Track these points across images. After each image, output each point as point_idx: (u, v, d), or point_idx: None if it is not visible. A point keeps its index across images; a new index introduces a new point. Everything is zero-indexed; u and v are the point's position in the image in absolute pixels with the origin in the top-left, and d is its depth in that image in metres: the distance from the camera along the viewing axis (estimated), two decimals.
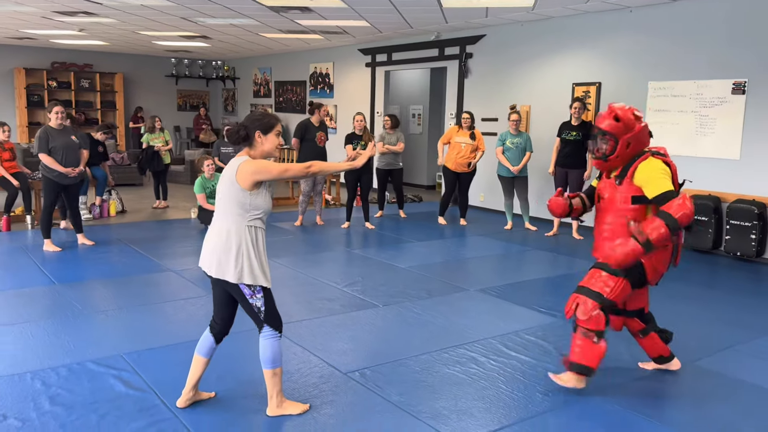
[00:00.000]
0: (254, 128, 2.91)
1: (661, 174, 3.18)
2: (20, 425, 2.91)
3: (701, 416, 3.16)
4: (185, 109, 16.18)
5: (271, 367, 2.98)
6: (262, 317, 2.94)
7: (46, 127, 6.24)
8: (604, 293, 3.23)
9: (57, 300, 4.82)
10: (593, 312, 3.21)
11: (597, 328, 3.23)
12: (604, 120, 3.30)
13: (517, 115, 7.89)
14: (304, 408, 3.10)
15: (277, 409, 3.04)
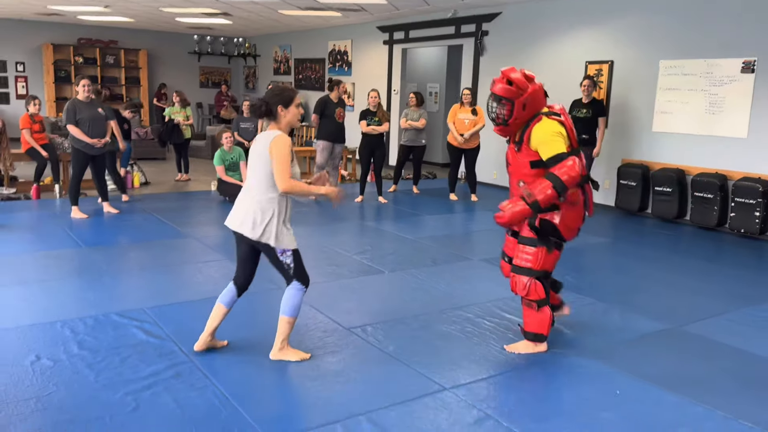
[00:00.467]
0: (275, 103, 3.16)
1: (553, 136, 3.27)
2: (52, 365, 3.22)
3: (678, 373, 3.37)
4: (207, 86, 16.47)
5: (288, 315, 3.29)
6: (291, 273, 3.26)
7: (74, 100, 6.55)
8: (531, 266, 3.42)
9: (84, 261, 5.15)
10: (528, 285, 3.42)
11: (537, 297, 3.44)
12: (497, 84, 3.33)
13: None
14: (303, 356, 3.36)
15: (279, 353, 3.34)
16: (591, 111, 7.53)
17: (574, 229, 3.51)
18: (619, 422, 2.84)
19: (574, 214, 3.46)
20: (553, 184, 3.21)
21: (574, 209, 3.44)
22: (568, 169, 3.20)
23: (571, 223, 3.47)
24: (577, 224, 3.52)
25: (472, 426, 2.78)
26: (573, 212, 3.44)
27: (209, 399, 2.92)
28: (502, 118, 3.36)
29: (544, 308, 3.47)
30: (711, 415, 2.92)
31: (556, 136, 3.29)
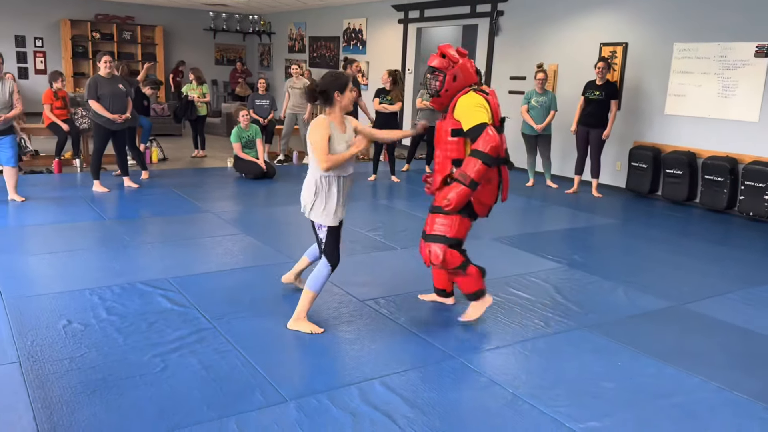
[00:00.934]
0: (333, 89, 3.38)
1: (475, 107, 3.41)
2: (83, 328, 3.42)
3: (677, 348, 3.51)
4: (222, 63, 16.57)
5: (310, 289, 3.50)
6: (322, 248, 3.52)
7: (96, 76, 6.70)
8: (446, 234, 3.53)
9: (107, 233, 5.35)
10: (443, 254, 3.51)
11: (457, 263, 3.56)
12: (434, 59, 3.54)
13: (543, 73, 8.08)
14: (316, 330, 3.50)
15: (293, 322, 3.53)
16: (604, 93, 7.59)
17: (486, 205, 3.63)
18: (619, 391, 2.99)
19: (487, 191, 3.56)
20: (480, 159, 3.36)
21: (488, 186, 3.55)
22: (489, 139, 3.34)
23: (484, 199, 3.59)
24: (489, 201, 3.63)
25: (479, 391, 2.95)
26: (486, 189, 3.54)
27: (232, 361, 3.11)
28: (435, 88, 3.55)
29: (468, 268, 3.59)
30: (706, 386, 3.07)
31: (478, 108, 3.42)
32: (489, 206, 3.68)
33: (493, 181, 3.59)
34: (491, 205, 3.69)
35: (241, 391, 2.83)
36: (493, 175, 3.57)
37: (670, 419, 2.76)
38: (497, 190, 3.65)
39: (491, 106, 3.50)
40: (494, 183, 3.61)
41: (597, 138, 7.69)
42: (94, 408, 2.65)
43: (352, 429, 2.58)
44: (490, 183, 3.58)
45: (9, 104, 6.04)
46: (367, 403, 2.79)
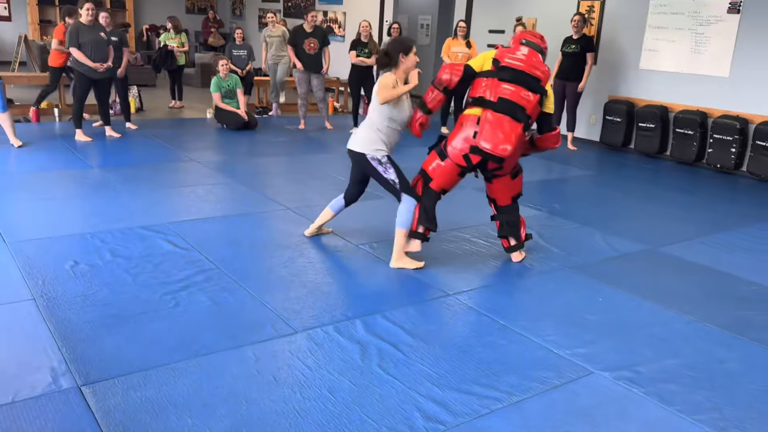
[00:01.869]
0: (397, 51, 3.70)
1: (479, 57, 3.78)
2: (90, 269, 3.53)
3: (653, 285, 3.79)
4: (194, 12, 16.19)
5: (398, 227, 3.75)
6: (398, 187, 3.71)
7: (77, 23, 6.60)
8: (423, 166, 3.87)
9: (99, 180, 5.39)
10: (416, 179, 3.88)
11: (416, 192, 3.81)
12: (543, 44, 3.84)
13: (522, 27, 8.18)
14: (418, 265, 3.79)
15: (396, 261, 3.80)
16: (579, 46, 7.72)
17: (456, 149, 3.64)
18: (601, 322, 3.25)
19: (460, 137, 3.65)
20: None
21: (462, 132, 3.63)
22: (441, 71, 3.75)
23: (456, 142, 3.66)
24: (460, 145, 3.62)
25: (473, 323, 3.18)
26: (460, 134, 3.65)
27: (240, 298, 3.27)
28: None
29: (417, 205, 3.77)
30: (680, 319, 3.35)
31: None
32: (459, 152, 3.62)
33: (467, 127, 3.60)
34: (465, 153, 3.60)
35: (252, 324, 3.01)
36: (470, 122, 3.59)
37: (648, 346, 3.03)
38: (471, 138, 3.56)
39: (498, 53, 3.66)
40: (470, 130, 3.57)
41: (573, 91, 7.87)
42: (116, 340, 2.80)
43: (360, 356, 2.79)
44: (464, 127, 3.62)
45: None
46: (372, 333, 2.99)
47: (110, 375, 2.53)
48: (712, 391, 2.67)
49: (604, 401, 2.55)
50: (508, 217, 3.99)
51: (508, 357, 2.86)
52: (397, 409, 2.42)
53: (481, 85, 3.66)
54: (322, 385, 2.55)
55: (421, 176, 3.87)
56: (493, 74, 3.63)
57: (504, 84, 3.57)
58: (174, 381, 2.51)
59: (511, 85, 3.56)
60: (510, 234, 4.00)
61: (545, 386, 2.64)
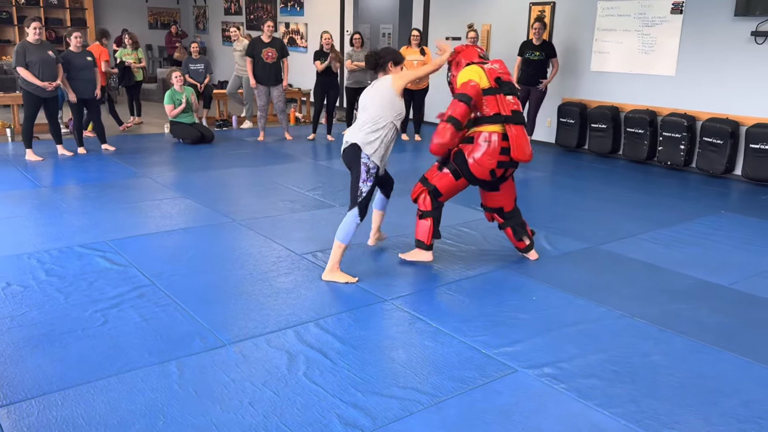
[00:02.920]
0: (388, 59, 3.82)
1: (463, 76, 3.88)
2: (22, 290, 3.49)
3: (589, 283, 3.84)
4: (156, 27, 16.13)
5: (340, 240, 3.73)
6: (358, 200, 3.71)
7: (23, 42, 6.54)
8: (430, 180, 4.01)
9: (43, 200, 5.33)
10: (417, 193, 4.04)
11: (423, 207, 4.01)
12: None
13: (474, 32, 8.26)
14: (351, 280, 3.75)
15: (329, 273, 3.78)
16: (543, 53, 7.77)
17: (483, 168, 3.85)
18: (531, 321, 3.29)
19: (484, 151, 3.83)
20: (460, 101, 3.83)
21: (487, 147, 3.82)
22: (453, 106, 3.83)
23: (481, 159, 3.84)
24: (487, 164, 3.83)
25: (405, 327, 3.19)
26: (484, 149, 3.83)
27: (172, 313, 3.26)
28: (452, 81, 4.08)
29: (426, 219, 4.00)
30: (610, 314, 3.40)
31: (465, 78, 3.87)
32: (487, 168, 3.84)
33: (493, 145, 3.81)
34: (491, 168, 3.84)
35: (180, 339, 3.00)
36: (493, 140, 3.81)
37: (575, 343, 3.06)
38: (498, 151, 3.81)
39: (486, 72, 3.84)
40: (494, 147, 3.80)
41: (536, 96, 7.90)
42: (38, 360, 2.77)
43: (287, 365, 2.79)
44: (488, 146, 3.81)
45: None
46: (303, 342, 3.00)
47: (28, 396, 2.50)
48: (632, 384, 2.71)
49: (523, 398, 2.58)
50: (516, 220, 4.16)
51: (435, 358, 2.88)
52: (317, 417, 2.43)
53: (492, 103, 3.82)
54: (244, 397, 2.55)
55: (429, 191, 3.99)
56: (498, 90, 3.84)
57: (507, 97, 3.85)
58: (93, 399, 2.49)
59: (512, 97, 3.88)
60: (524, 234, 4.18)
61: (468, 386, 2.66)
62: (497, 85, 3.84)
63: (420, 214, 4.04)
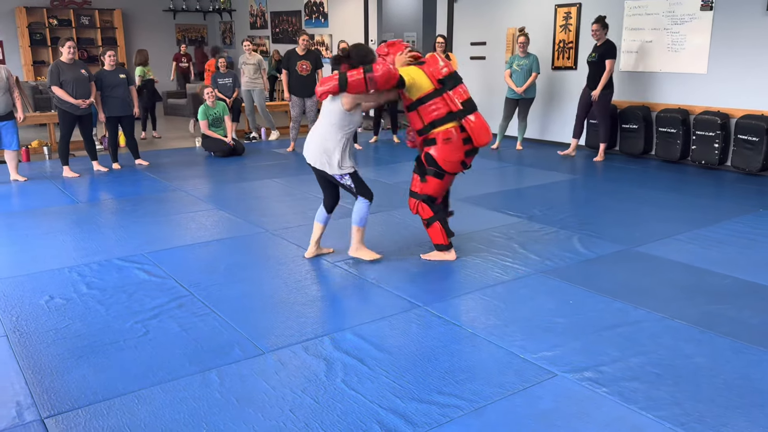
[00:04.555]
0: (359, 63, 3.74)
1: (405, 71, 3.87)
2: (65, 302, 3.58)
3: (626, 285, 3.79)
4: (184, 43, 16.40)
5: (357, 224, 4.08)
6: (354, 191, 4.00)
7: (57, 62, 6.72)
8: (416, 191, 4.13)
9: (81, 215, 5.46)
10: (416, 205, 4.14)
11: (425, 216, 4.15)
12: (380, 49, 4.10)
13: (524, 37, 8.21)
14: (376, 256, 4.13)
15: (355, 251, 4.16)
16: (597, 54, 7.51)
17: (453, 162, 4.00)
18: (569, 325, 3.26)
19: (449, 148, 3.95)
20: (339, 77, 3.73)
21: (449, 145, 3.94)
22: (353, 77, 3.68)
23: (449, 157, 3.97)
24: (454, 157, 3.98)
25: (441, 333, 3.18)
26: (448, 147, 3.95)
27: (210, 323, 3.30)
28: None
29: (433, 224, 4.15)
30: (649, 317, 3.35)
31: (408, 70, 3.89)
32: (457, 162, 4.01)
33: (454, 140, 3.93)
34: (461, 160, 4.02)
35: (220, 348, 3.03)
36: (452, 135, 3.91)
37: (614, 346, 3.02)
38: (461, 144, 3.96)
39: (427, 74, 3.89)
40: (456, 141, 3.94)
41: (599, 101, 7.60)
42: (83, 371, 2.83)
43: (325, 372, 2.81)
44: (450, 142, 3.91)
45: (6, 88, 6.31)
46: (339, 349, 3.01)
47: (75, 406, 2.56)
48: (675, 387, 2.66)
49: (564, 403, 2.56)
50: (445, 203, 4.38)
51: (473, 364, 2.87)
52: (358, 424, 2.43)
53: (439, 105, 3.91)
54: (284, 404, 2.57)
55: (423, 200, 4.12)
56: (442, 90, 3.90)
57: (454, 90, 3.91)
58: (137, 409, 2.54)
59: (460, 88, 3.94)
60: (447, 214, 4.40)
61: (507, 391, 2.64)
62: (440, 85, 3.90)
63: (425, 222, 4.17)
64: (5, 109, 6.41)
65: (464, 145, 3.97)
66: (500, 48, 9.46)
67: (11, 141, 6.55)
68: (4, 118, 6.43)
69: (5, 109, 6.41)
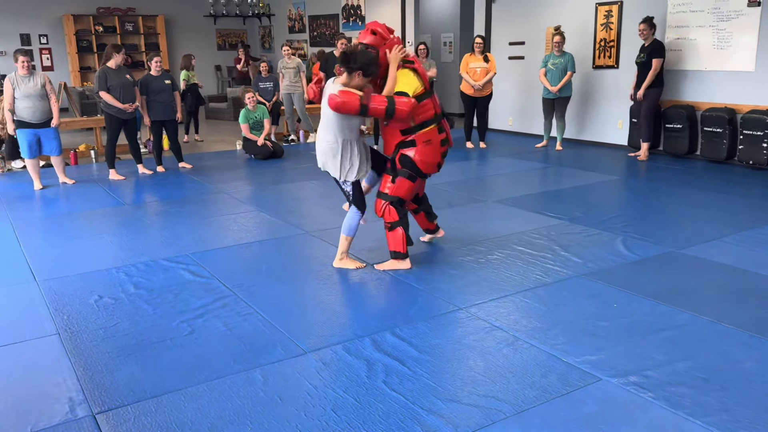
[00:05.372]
0: (357, 68, 3.69)
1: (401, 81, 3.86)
2: (113, 302, 3.68)
3: (671, 288, 3.71)
4: (225, 48, 16.71)
5: (345, 234, 4.10)
6: (350, 199, 4.05)
7: (104, 68, 6.92)
8: (386, 192, 4.06)
9: (128, 217, 5.61)
10: (384, 208, 4.06)
11: (390, 219, 4.06)
12: (365, 36, 3.92)
13: (560, 36, 8.15)
14: (359, 265, 4.12)
15: (339, 262, 4.15)
16: (645, 54, 7.39)
17: (431, 164, 4.05)
18: (613, 328, 3.21)
19: (428, 151, 4.00)
20: (388, 104, 3.76)
21: (429, 147, 4.00)
22: (404, 104, 3.77)
23: (427, 159, 4.01)
24: (433, 160, 4.04)
25: (481, 335, 3.17)
26: (428, 149, 4.00)
27: (254, 323, 3.36)
28: None
29: (396, 229, 4.08)
30: (696, 320, 3.27)
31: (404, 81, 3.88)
32: (434, 164, 4.10)
33: (434, 141, 4.03)
34: (437, 163, 4.11)
35: (263, 347, 3.08)
36: (433, 137, 4.01)
37: (660, 350, 2.97)
38: (439, 146, 4.07)
39: (420, 74, 3.95)
40: (435, 143, 4.03)
41: (646, 99, 7.47)
42: (131, 368, 2.91)
43: (366, 373, 2.83)
44: (430, 144, 4.01)
45: (43, 94, 6.50)
46: (380, 350, 3.03)
47: (124, 402, 2.63)
48: (723, 392, 2.60)
49: (609, 408, 2.52)
50: (426, 206, 4.47)
51: (514, 367, 2.85)
52: (399, 425, 2.45)
53: (430, 106, 3.99)
54: (327, 403, 2.60)
55: (391, 202, 4.05)
56: (431, 92, 4.05)
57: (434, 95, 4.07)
58: (184, 406, 2.60)
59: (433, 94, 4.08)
60: (434, 217, 4.54)
61: (550, 395, 2.62)
62: (430, 87, 4.04)
63: (389, 226, 4.09)
64: (43, 116, 6.54)
65: (441, 146, 4.07)
66: (539, 47, 9.37)
67: (52, 147, 6.70)
68: (44, 125, 6.58)
69: (43, 116, 6.54)
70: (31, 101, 6.42)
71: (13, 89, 6.35)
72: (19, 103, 6.40)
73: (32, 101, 6.42)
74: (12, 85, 6.35)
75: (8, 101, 6.38)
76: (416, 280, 3.94)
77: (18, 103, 6.40)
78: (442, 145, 4.07)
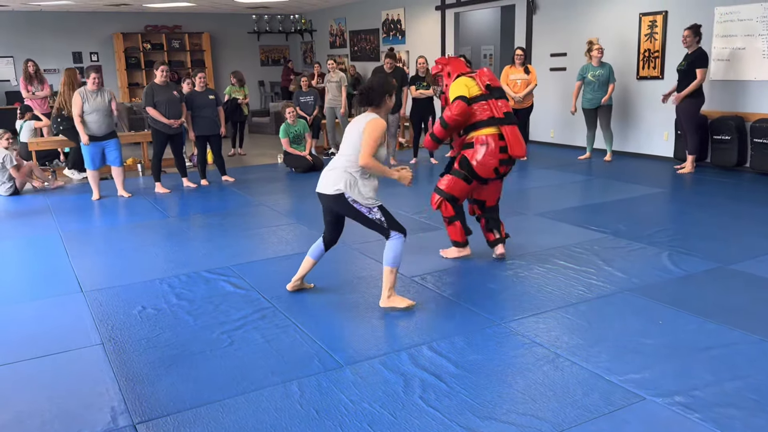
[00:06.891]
0: (383, 93, 3.57)
1: (454, 89, 4.22)
2: (156, 313, 3.76)
3: (719, 305, 3.58)
4: (268, 64, 17.01)
5: (391, 265, 3.59)
6: (385, 226, 3.58)
7: (151, 84, 7.12)
8: (442, 188, 4.37)
9: (172, 229, 5.73)
10: (438, 202, 4.40)
11: (446, 214, 4.44)
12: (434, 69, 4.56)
13: (599, 47, 8.07)
14: (409, 303, 3.64)
15: (387, 300, 3.65)
16: (686, 63, 7.22)
17: (487, 167, 4.22)
18: (658, 346, 3.11)
19: (485, 152, 4.19)
20: (439, 122, 4.26)
21: (486, 149, 4.19)
22: (448, 109, 4.19)
23: (484, 160, 4.20)
24: (489, 163, 4.20)
25: (521, 352, 3.12)
26: (485, 151, 4.19)
27: (292, 335, 3.38)
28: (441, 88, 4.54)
29: (454, 223, 4.46)
30: (746, 339, 3.15)
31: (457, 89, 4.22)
32: (490, 168, 4.22)
33: (491, 145, 4.18)
34: (494, 167, 4.22)
35: (300, 360, 3.09)
36: (490, 141, 4.18)
37: (708, 369, 2.86)
38: (497, 151, 4.19)
39: (479, 82, 4.24)
40: (493, 147, 4.18)
41: (684, 110, 7.30)
42: (172, 379, 2.96)
43: (403, 388, 2.80)
44: (486, 147, 4.19)
45: (109, 110, 6.80)
46: (417, 365, 3.00)
47: (164, 413, 2.67)
48: None
49: (654, 428, 2.44)
50: (493, 215, 4.53)
51: (554, 385, 2.79)
52: None
53: (484, 108, 4.20)
54: (363, 418, 2.58)
55: (446, 199, 4.38)
56: (489, 96, 4.23)
57: (498, 101, 4.24)
58: (222, 417, 2.62)
59: (501, 100, 4.26)
60: (495, 228, 4.54)
61: (592, 414, 2.55)
62: (488, 91, 4.22)
63: (447, 220, 4.46)
64: (107, 129, 6.86)
65: (500, 153, 4.19)
66: (581, 58, 9.24)
67: (114, 158, 6.98)
68: (108, 137, 6.87)
69: (107, 129, 6.86)
70: (98, 115, 6.73)
71: (82, 103, 6.62)
72: (86, 117, 6.69)
73: (99, 115, 6.73)
74: (82, 99, 6.64)
75: (77, 114, 6.66)
76: (454, 294, 3.90)
77: (86, 117, 6.68)
78: (501, 152, 4.18)
